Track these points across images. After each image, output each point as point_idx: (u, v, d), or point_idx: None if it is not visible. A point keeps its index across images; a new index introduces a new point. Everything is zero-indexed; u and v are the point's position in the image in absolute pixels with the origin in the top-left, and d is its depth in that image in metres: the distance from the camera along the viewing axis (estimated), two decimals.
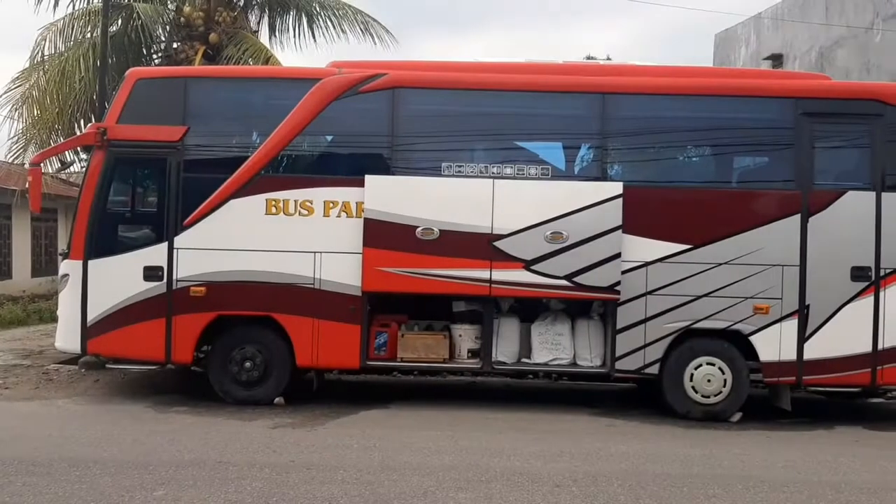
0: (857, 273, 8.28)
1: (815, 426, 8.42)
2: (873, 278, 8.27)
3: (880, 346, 8.27)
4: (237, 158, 8.57)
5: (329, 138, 9.10)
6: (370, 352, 8.52)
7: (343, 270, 8.32)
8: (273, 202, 8.40)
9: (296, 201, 8.39)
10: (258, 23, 16.43)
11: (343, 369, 9.52)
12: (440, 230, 8.25)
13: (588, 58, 24.46)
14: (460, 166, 8.45)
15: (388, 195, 8.32)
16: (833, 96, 8.61)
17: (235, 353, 8.50)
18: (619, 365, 8.42)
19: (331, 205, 8.38)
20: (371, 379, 10.34)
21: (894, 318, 8.24)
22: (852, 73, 19.90)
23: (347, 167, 8.69)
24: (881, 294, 8.26)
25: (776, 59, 23.83)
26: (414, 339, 8.59)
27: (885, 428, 8.49)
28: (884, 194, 8.30)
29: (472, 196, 8.32)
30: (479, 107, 8.72)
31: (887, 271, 8.26)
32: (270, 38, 16.23)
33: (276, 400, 8.55)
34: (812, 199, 8.32)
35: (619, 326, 8.38)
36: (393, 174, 8.51)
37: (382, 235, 8.25)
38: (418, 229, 8.26)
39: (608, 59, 25.81)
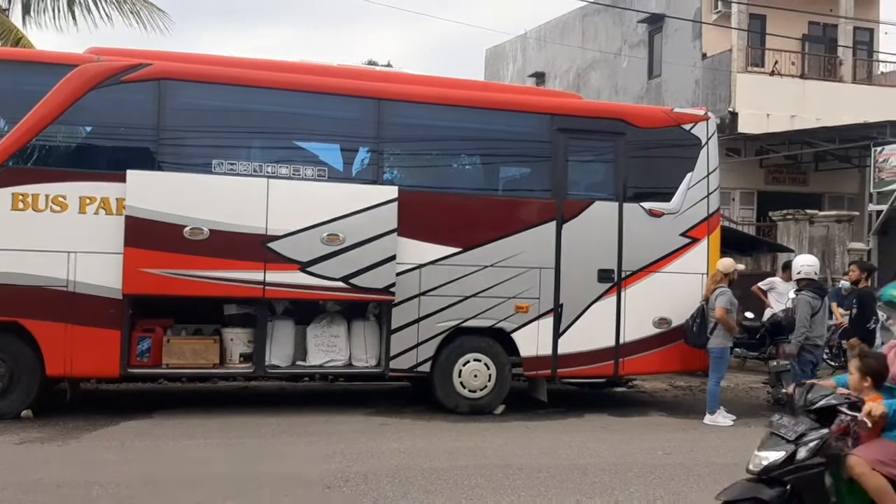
0: (603, 275, 9.15)
1: (569, 415, 9.17)
2: (616, 280, 9.19)
3: (622, 341, 9.20)
4: None
5: (87, 129, 8.47)
6: (132, 359, 8.00)
7: (101, 272, 7.75)
8: (21, 196, 7.63)
9: (47, 196, 7.69)
10: (9, 1, 14.81)
11: (101, 378, 8.87)
12: (210, 230, 7.96)
13: (369, 63, 24.83)
14: (233, 164, 8.21)
15: (153, 192, 7.89)
16: (583, 114, 9.43)
17: None
18: (393, 364, 8.62)
19: (87, 201, 7.78)
20: (134, 388, 9.72)
21: (633, 316, 9.21)
22: (603, 94, 22.01)
23: (108, 161, 8.13)
24: (622, 294, 9.19)
25: (539, 77, 25.72)
26: (181, 343, 8.21)
27: (627, 414, 9.44)
28: (625, 205, 9.25)
29: (245, 195, 8.12)
30: (252, 104, 8.52)
31: (627, 273, 9.22)
32: (24, 18, 14.69)
33: (24, 413, 7.76)
34: (565, 208, 9.07)
35: (393, 327, 8.58)
36: (159, 170, 8.08)
37: (146, 234, 7.80)
38: (186, 229, 7.91)
39: (388, 65, 26.39)
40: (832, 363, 11.62)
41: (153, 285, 7.86)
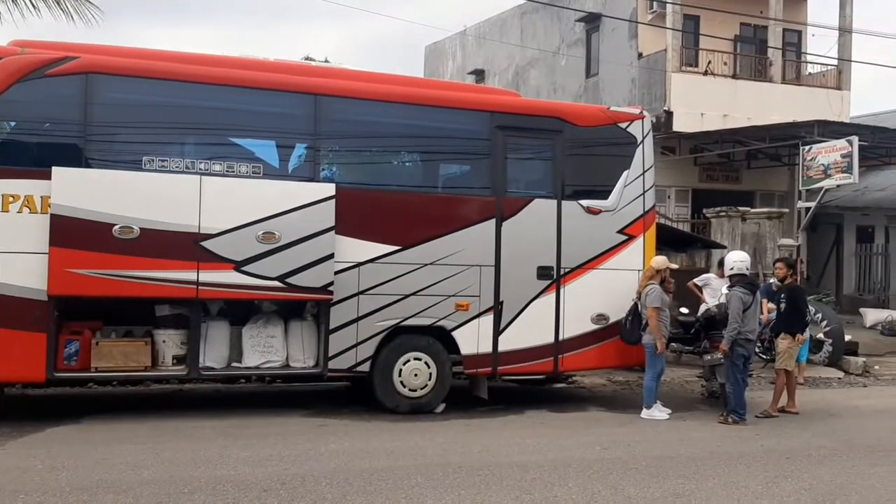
0: (542, 272, 9.21)
1: (509, 412, 9.19)
2: (555, 277, 9.25)
3: (561, 337, 9.27)
4: None
5: (10, 124, 8.08)
6: (58, 362, 7.71)
7: (25, 272, 7.44)
8: None
9: None
10: None
11: (27, 383, 8.53)
12: (141, 228, 7.72)
13: (306, 58, 24.49)
14: (164, 161, 7.97)
15: (81, 190, 7.61)
16: (522, 112, 9.46)
17: None
18: (332, 364, 8.51)
19: (10, 199, 7.46)
20: (61, 392, 9.39)
21: (572, 312, 9.29)
22: (542, 92, 22.19)
23: (32, 157, 7.81)
24: (561, 290, 9.27)
25: (479, 75, 25.81)
26: (110, 346, 7.95)
27: (566, 410, 9.52)
28: (563, 202, 9.32)
29: (177, 193, 7.91)
30: (184, 99, 8.26)
31: (566, 270, 9.30)
32: None
33: None
34: (505, 206, 9.08)
35: (332, 326, 8.47)
36: (87, 167, 7.81)
37: (73, 233, 7.52)
38: (115, 227, 7.65)
39: (326, 61, 26.07)
40: (764, 356, 11.95)
41: (80, 286, 7.59)
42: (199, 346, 8.17)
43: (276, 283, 8.17)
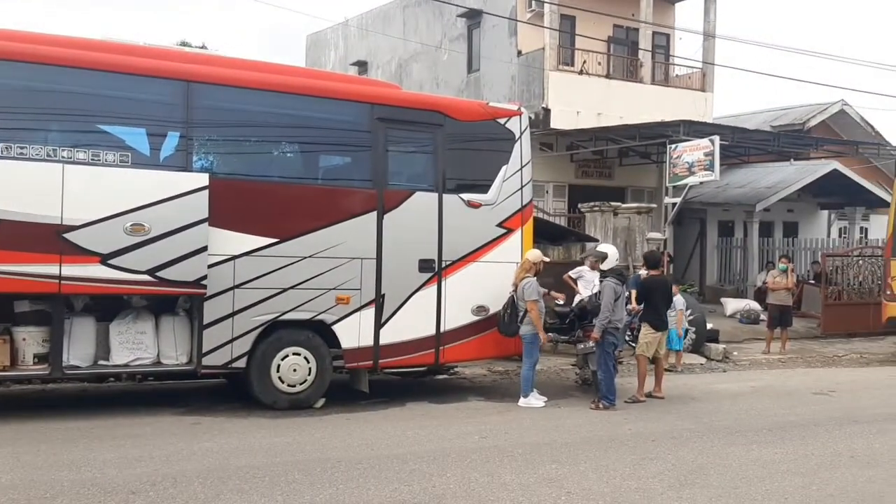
0: (424, 265, 9.28)
1: (390, 405, 9.21)
2: (436, 269, 9.34)
3: (442, 329, 9.38)
4: None
5: None
6: None
7: None
8: None
9: None
10: None
11: None
12: None
13: (182, 44, 23.52)
14: (22, 148, 7.47)
15: None
16: (402, 105, 9.48)
17: None
18: (206, 361, 8.27)
19: None
20: None
21: (453, 305, 9.42)
22: (425, 86, 22.25)
23: None
24: (443, 283, 9.37)
25: (362, 66, 25.60)
26: None
27: (447, 400, 9.64)
28: (444, 195, 9.42)
29: (37, 182, 7.44)
30: (46, 83, 7.76)
31: (447, 263, 9.40)
32: None
33: None
34: (386, 198, 9.08)
35: (206, 321, 8.23)
36: None
37: None
38: None
39: (203, 47, 25.14)
40: (633, 344, 12.49)
41: None
42: (62, 344, 7.75)
43: (146, 277, 7.84)
